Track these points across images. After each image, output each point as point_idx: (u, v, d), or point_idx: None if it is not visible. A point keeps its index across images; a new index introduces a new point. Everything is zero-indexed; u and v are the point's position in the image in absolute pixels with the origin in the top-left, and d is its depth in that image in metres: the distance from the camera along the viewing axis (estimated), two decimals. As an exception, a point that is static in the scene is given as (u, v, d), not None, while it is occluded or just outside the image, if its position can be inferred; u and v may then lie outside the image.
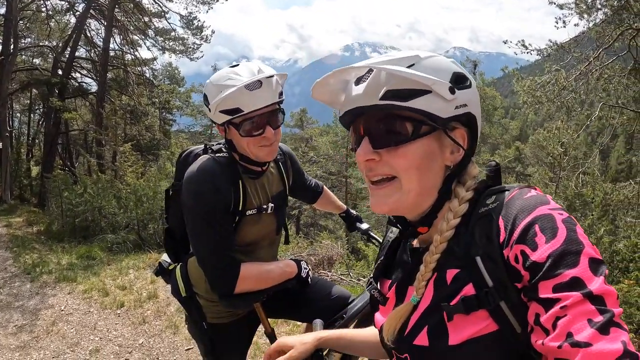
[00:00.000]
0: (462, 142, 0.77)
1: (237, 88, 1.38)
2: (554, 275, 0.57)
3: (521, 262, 0.62)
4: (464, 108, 0.74)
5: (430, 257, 0.76)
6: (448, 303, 0.71)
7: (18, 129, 21.89)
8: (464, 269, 0.71)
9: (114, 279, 5.60)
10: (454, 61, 0.78)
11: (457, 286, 0.71)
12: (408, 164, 0.74)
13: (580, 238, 0.60)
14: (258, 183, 1.65)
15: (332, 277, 5.86)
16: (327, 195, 2.22)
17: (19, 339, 3.92)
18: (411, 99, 0.70)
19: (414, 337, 0.76)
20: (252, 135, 1.48)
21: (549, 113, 8.97)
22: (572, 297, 0.55)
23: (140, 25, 16.79)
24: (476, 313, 0.68)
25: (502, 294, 0.65)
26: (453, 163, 0.78)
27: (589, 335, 0.52)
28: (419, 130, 0.73)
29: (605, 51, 7.14)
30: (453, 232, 0.76)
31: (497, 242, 0.67)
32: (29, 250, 7.13)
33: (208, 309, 1.73)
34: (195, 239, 1.52)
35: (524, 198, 0.68)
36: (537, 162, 19.36)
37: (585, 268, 0.56)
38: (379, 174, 0.77)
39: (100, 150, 14.98)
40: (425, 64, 0.72)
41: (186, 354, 3.66)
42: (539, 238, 0.61)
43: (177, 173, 1.75)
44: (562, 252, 0.58)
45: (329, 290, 1.90)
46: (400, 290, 0.86)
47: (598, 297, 0.54)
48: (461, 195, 0.77)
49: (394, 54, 0.74)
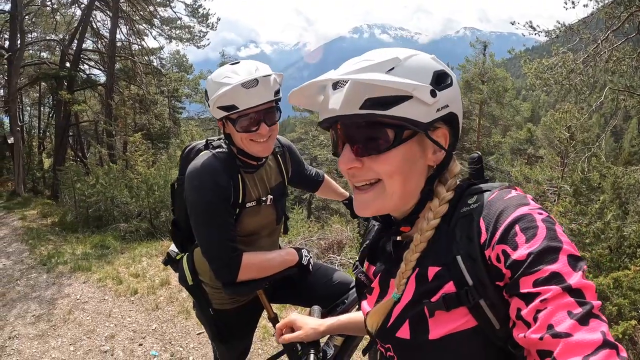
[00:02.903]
0: (444, 141, 0.78)
1: (233, 86, 1.45)
2: (534, 271, 0.59)
3: (503, 261, 0.64)
4: (445, 109, 0.75)
5: (411, 256, 0.79)
6: (429, 299, 0.73)
7: (29, 123, 22.14)
8: (445, 267, 0.74)
9: (127, 267, 5.75)
10: (434, 57, 0.78)
11: (438, 283, 0.74)
12: (391, 169, 0.75)
13: (560, 236, 0.62)
14: (257, 176, 1.72)
15: (340, 262, 5.93)
16: (328, 183, 2.27)
17: (37, 328, 4.07)
18: (392, 107, 0.70)
19: (397, 329, 0.79)
20: (247, 131, 1.54)
21: (561, 94, 8.80)
22: (552, 290, 0.56)
23: (145, 15, 16.76)
24: (456, 310, 0.70)
25: (482, 292, 0.68)
26: (435, 163, 0.79)
27: (569, 326, 0.54)
28: (401, 136, 0.73)
29: (614, 33, 6.97)
30: (433, 232, 0.78)
31: (478, 242, 0.69)
32: (44, 241, 7.33)
33: (213, 295, 1.81)
34: (199, 231, 1.59)
35: (505, 199, 0.70)
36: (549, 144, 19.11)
37: (565, 264, 0.58)
38: (362, 179, 0.78)
39: (111, 140, 15.14)
40: (405, 66, 0.72)
41: (197, 338, 3.78)
42: (519, 237, 0.63)
43: (181, 168, 1.81)
44: (542, 250, 0.60)
45: (331, 276, 1.96)
46: (383, 282, 0.89)
47: (577, 290, 0.56)
48: (442, 196, 0.79)
49: (374, 57, 0.73)
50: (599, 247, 4.68)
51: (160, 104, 17.46)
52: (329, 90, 0.77)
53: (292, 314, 1.20)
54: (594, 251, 4.62)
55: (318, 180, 2.22)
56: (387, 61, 0.71)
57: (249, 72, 1.50)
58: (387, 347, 0.84)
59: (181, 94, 20.39)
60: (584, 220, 5.04)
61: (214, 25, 17.54)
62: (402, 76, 0.70)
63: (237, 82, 1.45)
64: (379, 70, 0.70)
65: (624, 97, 7.68)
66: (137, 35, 16.99)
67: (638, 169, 7.32)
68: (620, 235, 4.61)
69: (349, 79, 0.71)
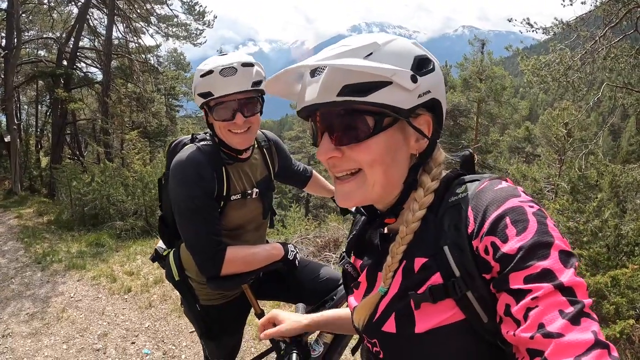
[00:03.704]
0: (427, 129, 0.75)
1: (210, 72, 1.46)
2: (525, 266, 0.57)
3: (491, 253, 0.62)
4: (427, 95, 0.72)
5: (397, 248, 0.76)
6: (415, 291, 0.71)
7: (26, 121, 22.05)
8: (432, 258, 0.71)
9: (121, 265, 5.72)
10: (415, 42, 0.75)
11: (424, 275, 0.71)
12: (372, 158, 0.72)
13: (551, 231, 0.60)
14: (242, 169, 1.70)
15: (336, 259, 5.91)
16: (316, 179, 2.25)
17: (30, 326, 4.05)
18: (371, 93, 0.67)
19: (383, 323, 0.77)
20: (223, 120, 1.53)
21: (558, 92, 8.78)
22: (543, 288, 0.55)
23: (142, 13, 16.70)
24: (443, 302, 0.68)
25: (469, 284, 0.65)
26: (418, 151, 0.76)
27: (561, 325, 0.52)
28: (381, 123, 0.70)
29: (611, 30, 6.94)
30: (419, 223, 0.75)
31: (466, 232, 0.67)
32: (40, 240, 7.30)
33: (200, 291, 1.80)
34: (182, 225, 1.58)
35: (495, 190, 0.68)
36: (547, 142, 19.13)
37: (556, 260, 0.57)
38: (343, 169, 0.75)
39: (107, 138, 15.09)
40: (384, 51, 0.69)
41: (190, 336, 3.76)
42: (510, 230, 0.61)
43: (168, 162, 1.79)
44: (533, 245, 0.58)
45: (319, 272, 1.94)
46: (370, 276, 0.86)
47: (569, 289, 0.55)
48: (426, 185, 0.76)
49: (351, 43, 0.70)
50: (597, 245, 4.65)
51: (157, 102, 17.38)
52: (306, 78, 0.74)
53: (274, 310, 1.18)
54: (591, 249, 4.58)
55: (306, 176, 2.20)
56: (365, 46, 0.69)
57: (230, 60, 1.49)
58: (374, 342, 0.82)
59: (178, 91, 20.37)
60: (581, 218, 5.00)
61: (210, 23, 17.51)
62: (381, 61, 0.67)
63: (214, 67, 1.46)
64: (356, 55, 0.68)
65: (622, 95, 7.66)
66: (134, 33, 16.94)
67: (636, 167, 7.30)
68: (618, 234, 4.57)
69: (326, 65, 0.68)
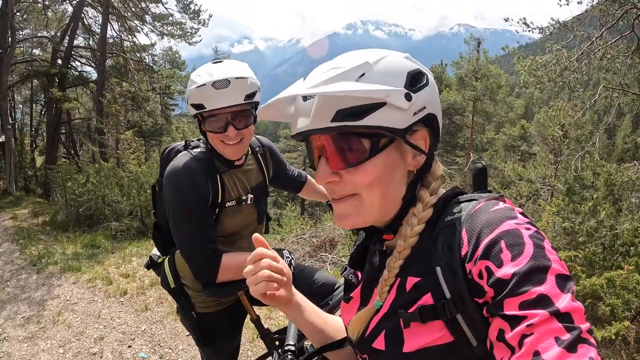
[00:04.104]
0: (424, 144, 0.74)
1: (203, 84, 1.45)
2: (520, 292, 0.56)
3: (485, 278, 0.61)
4: (422, 111, 0.71)
5: (394, 263, 0.75)
6: (405, 310, 0.71)
7: (21, 120, 21.94)
8: (424, 278, 0.71)
9: (117, 267, 5.70)
10: (408, 56, 0.74)
11: (416, 294, 0.71)
12: (369, 179, 0.71)
13: (548, 254, 0.58)
14: (236, 175, 1.71)
15: (332, 260, 5.90)
16: (311, 184, 2.25)
17: (26, 330, 4.02)
18: (365, 116, 0.66)
19: (373, 339, 0.77)
20: (215, 132, 1.53)
21: (554, 91, 8.79)
22: (539, 315, 0.54)
23: (137, 11, 16.59)
24: (432, 323, 0.67)
25: (460, 306, 0.64)
26: (416, 168, 0.75)
27: (557, 354, 0.51)
28: (378, 144, 0.70)
29: (608, 31, 6.96)
30: (417, 238, 0.74)
31: (459, 254, 0.66)
32: (35, 241, 7.25)
33: (196, 298, 1.79)
34: (177, 232, 1.58)
35: (490, 211, 0.67)
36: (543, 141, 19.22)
37: (553, 285, 0.55)
38: (341, 193, 0.75)
39: (102, 138, 15.01)
40: (376, 70, 0.68)
41: (187, 339, 3.75)
42: (505, 254, 0.59)
43: (161, 169, 1.78)
44: (529, 270, 0.57)
45: (315, 277, 1.94)
46: (365, 292, 0.86)
47: (565, 315, 0.53)
48: (425, 200, 0.75)
49: (343, 64, 0.69)
50: (592, 245, 4.67)
51: (152, 100, 17.29)
52: (299, 102, 0.73)
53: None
54: (587, 249, 4.60)
55: (301, 181, 2.20)
56: (357, 67, 0.67)
57: (224, 72, 1.47)
58: (364, 358, 0.82)
59: (173, 90, 20.25)
60: (577, 219, 5.02)
61: (205, 22, 17.42)
62: (374, 81, 0.67)
63: (207, 80, 1.44)
64: (348, 78, 0.66)
65: (618, 95, 7.69)
66: (129, 31, 16.83)
67: (631, 166, 7.34)
68: (614, 234, 4.59)
69: (317, 93, 0.66)
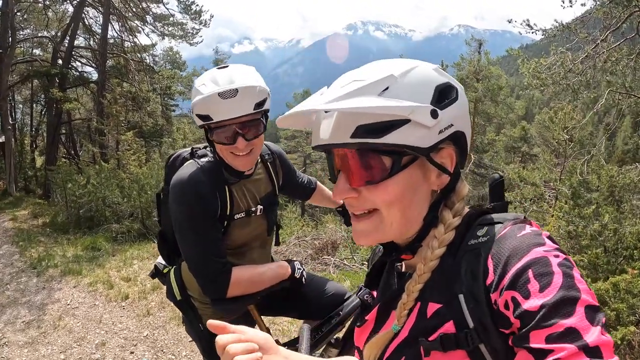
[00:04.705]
0: (450, 162, 0.71)
1: (208, 95, 1.36)
2: (547, 325, 0.54)
3: (512, 309, 0.58)
4: (449, 129, 0.68)
5: (413, 287, 0.73)
6: (426, 338, 0.68)
7: (21, 121, 21.90)
8: (446, 305, 0.68)
9: (118, 271, 5.66)
10: (437, 68, 0.70)
11: (437, 322, 0.68)
12: (389, 198, 0.69)
13: (578, 284, 0.56)
14: (245, 186, 1.65)
15: (335, 262, 5.88)
16: (321, 190, 2.21)
17: (27, 334, 3.99)
18: (387, 133, 0.64)
19: None
20: (224, 143, 1.46)
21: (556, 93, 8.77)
22: (567, 350, 0.51)
23: (138, 12, 16.56)
24: (454, 352, 0.65)
25: (483, 336, 0.62)
26: (439, 187, 0.72)
27: None
28: (399, 163, 0.67)
29: (612, 33, 6.94)
30: (438, 262, 0.72)
31: (484, 283, 0.63)
32: (35, 243, 7.21)
33: (203, 310, 1.75)
34: (184, 246, 1.53)
35: (517, 237, 0.64)
36: (544, 142, 19.22)
37: (582, 317, 0.53)
38: (360, 209, 0.73)
39: (103, 139, 14.98)
40: (402, 84, 0.65)
41: (190, 345, 3.71)
42: (532, 285, 0.57)
43: (166, 177, 1.74)
44: (557, 301, 0.54)
45: (325, 287, 1.91)
46: (381, 314, 0.83)
47: (594, 349, 0.51)
48: (447, 222, 0.72)
49: (366, 76, 0.66)
50: (596, 249, 4.65)
51: (152, 101, 17.27)
52: (320, 112, 0.71)
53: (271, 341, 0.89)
54: (590, 253, 4.59)
55: (310, 188, 2.15)
56: (380, 81, 0.64)
57: (230, 80, 1.39)
58: None
59: (174, 91, 20.22)
60: (581, 223, 5.00)
61: (206, 22, 17.39)
62: (398, 96, 0.63)
63: (213, 91, 1.36)
64: (370, 92, 0.63)
65: (621, 98, 7.67)
66: (130, 32, 16.79)
67: (632, 168, 7.32)
68: (618, 237, 4.58)
69: (336, 109, 0.63)
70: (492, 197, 0.81)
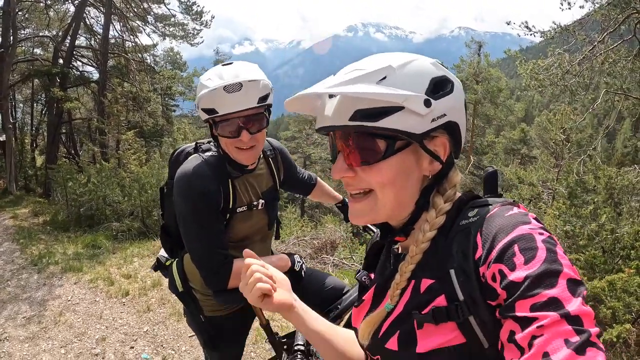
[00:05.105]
0: (443, 151, 0.76)
1: (214, 88, 1.40)
2: (531, 294, 0.57)
3: (498, 281, 0.62)
4: (442, 118, 0.72)
5: (406, 267, 0.77)
6: (419, 312, 0.72)
7: (21, 120, 21.94)
8: (438, 280, 0.72)
9: (118, 268, 5.69)
10: (435, 63, 0.75)
11: (429, 296, 0.72)
12: (383, 180, 0.74)
13: (560, 259, 0.59)
14: (247, 180, 1.68)
15: (334, 262, 5.91)
16: (321, 186, 2.24)
17: (27, 330, 4.01)
18: (382, 118, 0.69)
19: (386, 340, 0.78)
20: (228, 137, 1.50)
21: (554, 95, 8.82)
22: (550, 317, 0.54)
23: (139, 12, 16.63)
24: (445, 324, 0.69)
25: (472, 309, 0.66)
26: (431, 173, 0.77)
27: (565, 355, 0.51)
28: (393, 146, 0.72)
29: (610, 35, 6.99)
30: (429, 244, 0.76)
31: (473, 258, 0.67)
32: (35, 241, 7.25)
33: (204, 302, 1.78)
34: (187, 238, 1.55)
35: (505, 216, 0.68)
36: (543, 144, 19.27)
37: (564, 289, 0.56)
38: (356, 188, 0.78)
39: (103, 138, 15.02)
40: (399, 75, 0.70)
41: (190, 340, 3.74)
42: (518, 258, 0.61)
43: (170, 171, 1.77)
44: (541, 273, 0.58)
45: (324, 281, 1.94)
46: (378, 294, 0.87)
47: (575, 318, 0.54)
48: (439, 207, 0.77)
49: (366, 66, 0.71)
50: (593, 249, 4.69)
51: (153, 101, 17.33)
52: (325, 97, 0.77)
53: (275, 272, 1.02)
54: (587, 253, 4.62)
55: (311, 184, 2.19)
56: (379, 70, 0.70)
57: (235, 75, 1.43)
58: (377, 359, 0.83)
59: (174, 91, 20.29)
60: (578, 222, 5.04)
61: (207, 23, 17.46)
62: (395, 85, 0.69)
63: (219, 84, 1.40)
64: (369, 80, 0.69)
65: (619, 99, 7.72)
66: (131, 32, 16.86)
67: (631, 170, 7.35)
68: (615, 237, 4.61)
69: (337, 93, 0.69)
70: (486, 190, 0.85)
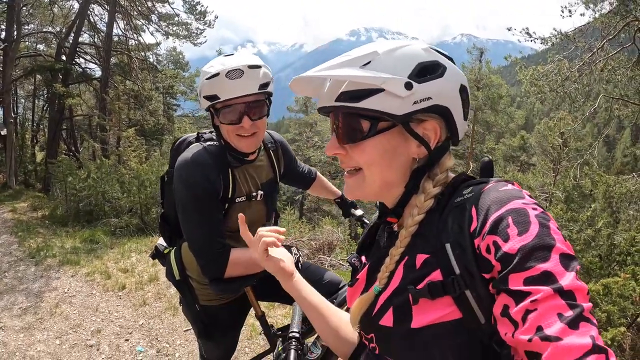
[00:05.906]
0: (434, 134, 0.77)
1: (216, 74, 1.44)
2: (525, 268, 0.58)
3: (493, 252, 0.62)
4: (427, 101, 0.73)
5: (395, 250, 0.79)
6: (415, 286, 0.72)
7: (23, 115, 21.96)
8: (433, 255, 0.73)
9: (116, 262, 5.70)
10: (427, 49, 0.77)
11: (425, 271, 0.73)
12: (368, 158, 0.78)
13: (553, 233, 0.60)
14: (247, 171, 1.70)
15: (331, 262, 5.92)
16: (320, 181, 2.26)
17: (23, 320, 4.02)
18: (363, 100, 0.73)
19: (380, 317, 0.78)
20: (230, 123, 1.52)
21: (555, 103, 8.85)
22: (543, 291, 0.55)
23: (143, 10, 16.69)
24: (441, 299, 0.69)
25: (468, 282, 0.66)
26: (419, 156, 0.78)
27: (559, 329, 0.52)
28: (376, 127, 0.76)
29: (609, 42, 7.03)
30: (416, 227, 0.78)
31: (468, 230, 0.67)
32: (34, 234, 7.25)
33: (200, 291, 1.79)
34: (186, 226, 1.57)
35: (499, 190, 0.69)
36: (543, 152, 19.31)
37: (557, 263, 0.57)
38: (347, 165, 0.83)
39: (104, 135, 15.03)
40: (383, 60, 0.73)
41: (185, 334, 3.75)
42: (511, 229, 0.61)
43: (171, 160, 1.79)
44: (534, 246, 0.58)
45: (321, 275, 1.94)
46: (370, 275, 0.88)
47: (569, 292, 0.55)
48: (428, 191, 0.78)
49: (354, 52, 0.76)
50: (589, 255, 4.71)
51: (155, 100, 17.35)
52: (326, 81, 0.82)
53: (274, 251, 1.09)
54: (584, 258, 4.64)
55: (310, 178, 2.20)
56: (364, 56, 0.74)
57: (237, 62, 1.47)
58: (370, 338, 0.83)
59: (176, 91, 20.30)
60: (574, 227, 5.06)
61: (211, 23, 17.51)
62: (377, 69, 0.73)
63: (221, 69, 1.44)
64: (353, 65, 0.74)
65: (618, 107, 7.75)
66: (134, 30, 16.90)
67: (629, 178, 7.37)
68: (611, 243, 4.63)
69: (322, 75, 0.75)
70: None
